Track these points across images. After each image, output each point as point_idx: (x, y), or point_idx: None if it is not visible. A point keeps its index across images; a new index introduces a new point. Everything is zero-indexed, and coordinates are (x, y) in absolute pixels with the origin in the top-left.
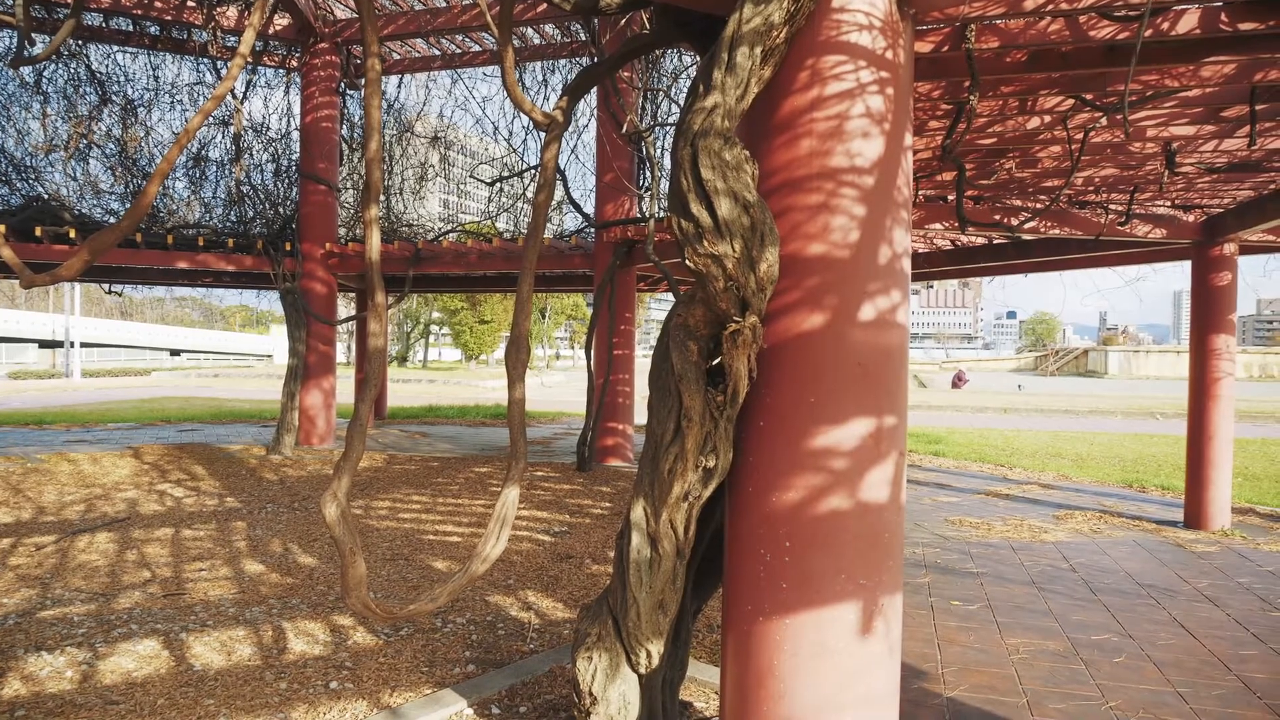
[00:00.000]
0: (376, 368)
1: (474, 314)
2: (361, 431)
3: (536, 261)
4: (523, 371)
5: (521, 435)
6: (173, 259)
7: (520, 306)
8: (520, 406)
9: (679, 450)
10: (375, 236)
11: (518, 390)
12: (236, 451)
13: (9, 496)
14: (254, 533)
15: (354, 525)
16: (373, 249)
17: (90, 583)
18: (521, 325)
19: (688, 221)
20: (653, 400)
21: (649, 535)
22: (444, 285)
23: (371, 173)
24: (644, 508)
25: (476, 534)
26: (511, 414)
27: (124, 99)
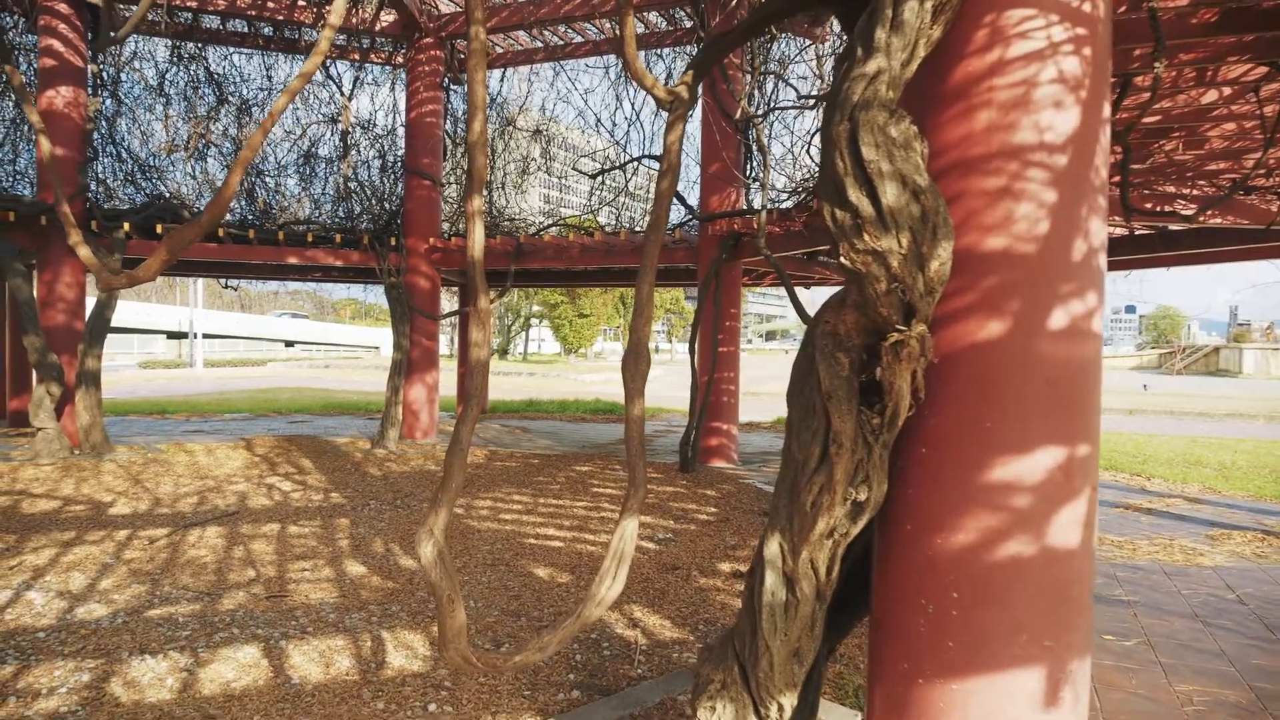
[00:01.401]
0: (479, 383)
1: (574, 308)
2: (462, 458)
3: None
4: (642, 384)
5: (641, 459)
6: (283, 254)
7: (640, 308)
8: (639, 425)
9: (825, 480)
10: (479, 230)
11: (636, 406)
12: (342, 445)
13: (129, 487)
14: (357, 531)
15: (453, 568)
16: (476, 244)
17: (198, 580)
18: (642, 330)
19: (843, 211)
20: (793, 419)
21: (785, 575)
22: (545, 280)
23: (475, 158)
24: (780, 544)
25: (578, 539)
26: (629, 434)
27: (239, 99)
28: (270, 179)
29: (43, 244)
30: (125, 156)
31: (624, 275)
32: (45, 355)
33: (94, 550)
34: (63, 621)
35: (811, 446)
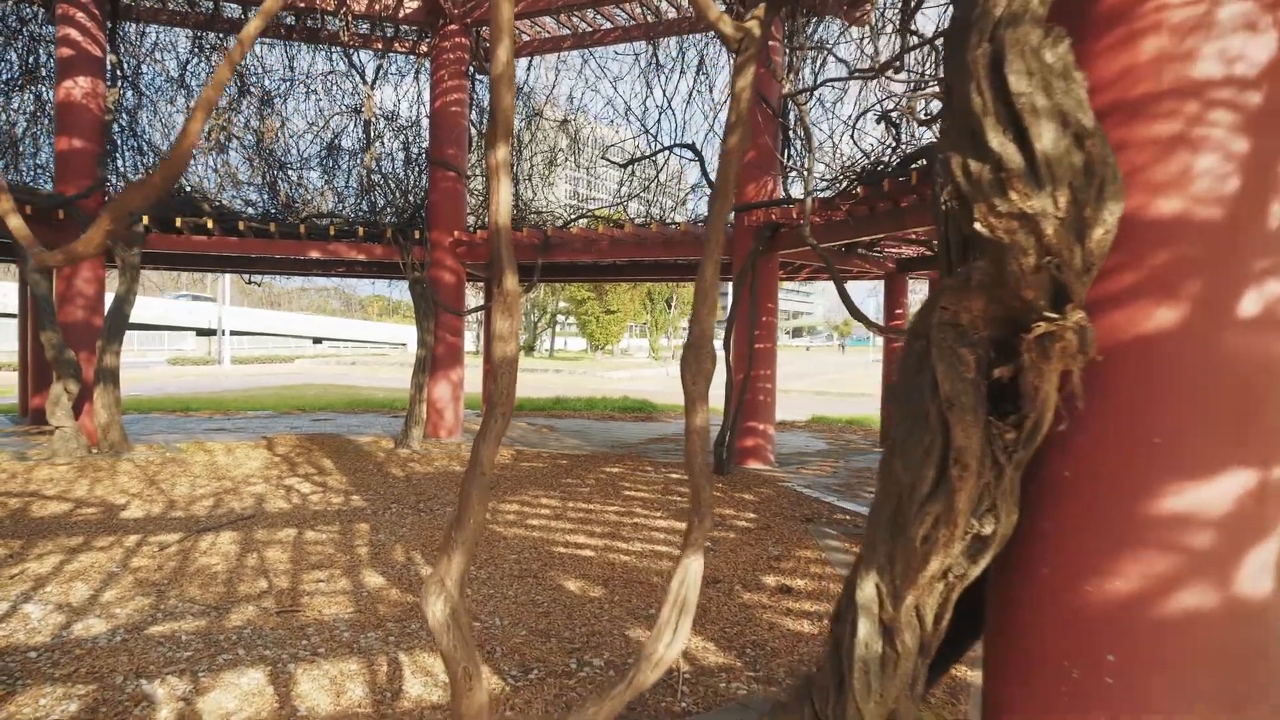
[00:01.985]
0: (506, 384)
1: (600, 304)
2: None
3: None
4: (706, 386)
5: (706, 480)
6: (305, 248)
7: (704, 295)
8: (703, 439)
9: (942, 510)
10: (504, 191)
11: (699, 414)
12: (365, 444)
13: (143, 489)
14: (376, 537)
15: (470, 632)
16: (501, 208)
17: (206, 592)
18: (705, 321)
19: (981, 162)
20: (895, 432)
21: (883, 624)
22: (572, 274)
23: (501, 96)
24: (877, 585)
25: (610, 548)
26: (691, 448)
27: (261, 91)
28: (293, 172)
29: (61, 238)
30: (146, 149)
31: (654, 269)
32: (62, 352)
33: (101, 558)
34: (57, 639)
35: (924, 467)
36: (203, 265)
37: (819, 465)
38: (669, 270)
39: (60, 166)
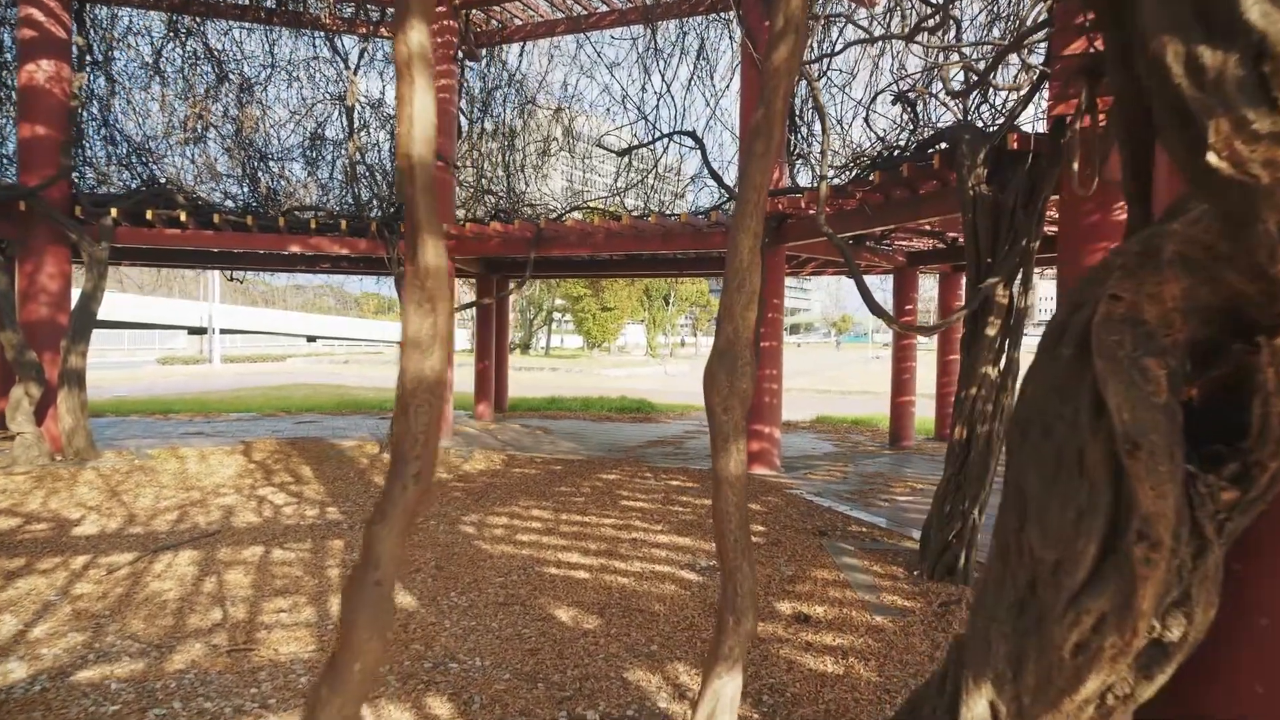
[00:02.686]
0: (422, 428)
1: (597, 301)
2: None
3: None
4: (742, 416)
5: (745, 559)
6: (285, 243)
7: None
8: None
9: (1112, 606)
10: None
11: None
12: (348, 449)
13: (103, 501)
14: (350, 557)
15: None
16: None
17: (150, 626)
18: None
19: (1222, 48)
20: (1025, 480)
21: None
22: (567, 269)
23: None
24: (992, 704)
25: (607, 567)
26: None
27: (240, 77)
28: (274, 163)
29: (23, 232)
30: (119, 139)
31: (653, 264)
32: (23, 353)
33: (40, 583)
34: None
35: (1078, 539)
36: (179, 260)
37: (828, 470)
38: (668, 265)
39: (24, 155)
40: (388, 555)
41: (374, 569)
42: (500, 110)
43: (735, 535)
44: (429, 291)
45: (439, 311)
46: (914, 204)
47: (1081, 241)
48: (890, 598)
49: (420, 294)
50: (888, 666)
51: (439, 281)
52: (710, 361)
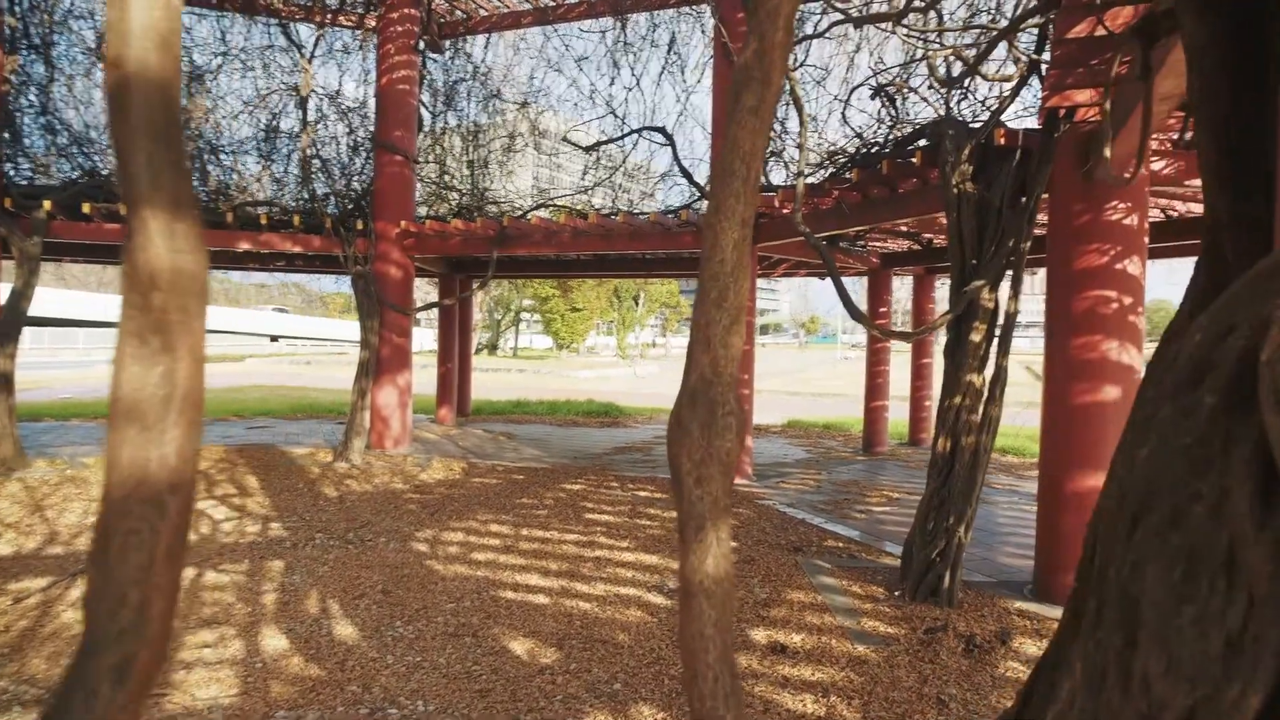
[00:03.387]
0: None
1: (565, 301)
2: None
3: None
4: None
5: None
6: (234, 239)
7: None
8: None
9: None
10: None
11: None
12: (300, 457)
13: (23, 517)
14: (290, 579)
15: None
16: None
17: (54, 666)
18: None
19: None
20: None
21: None
22: (533, 270)
23: None
24: None
25: (568, 590)
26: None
27: (190, 65)
28: (226, 156)
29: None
30: (59, 128)
31: (621, 264)
32: None
33: None
34: None
35: (1226, 680)
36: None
37: (801, 478)
38: (637, 265)
39: None
40: None
41: None
42: (464, 104)
43: (715, 672)
44: (158, 314)
45: (179, 349)
46: (893, 203)
47: (1073, 243)
48: (871, 623)
49: (142, 319)
50: (873, 706)
51: (180, 295)
52: (678, 407)
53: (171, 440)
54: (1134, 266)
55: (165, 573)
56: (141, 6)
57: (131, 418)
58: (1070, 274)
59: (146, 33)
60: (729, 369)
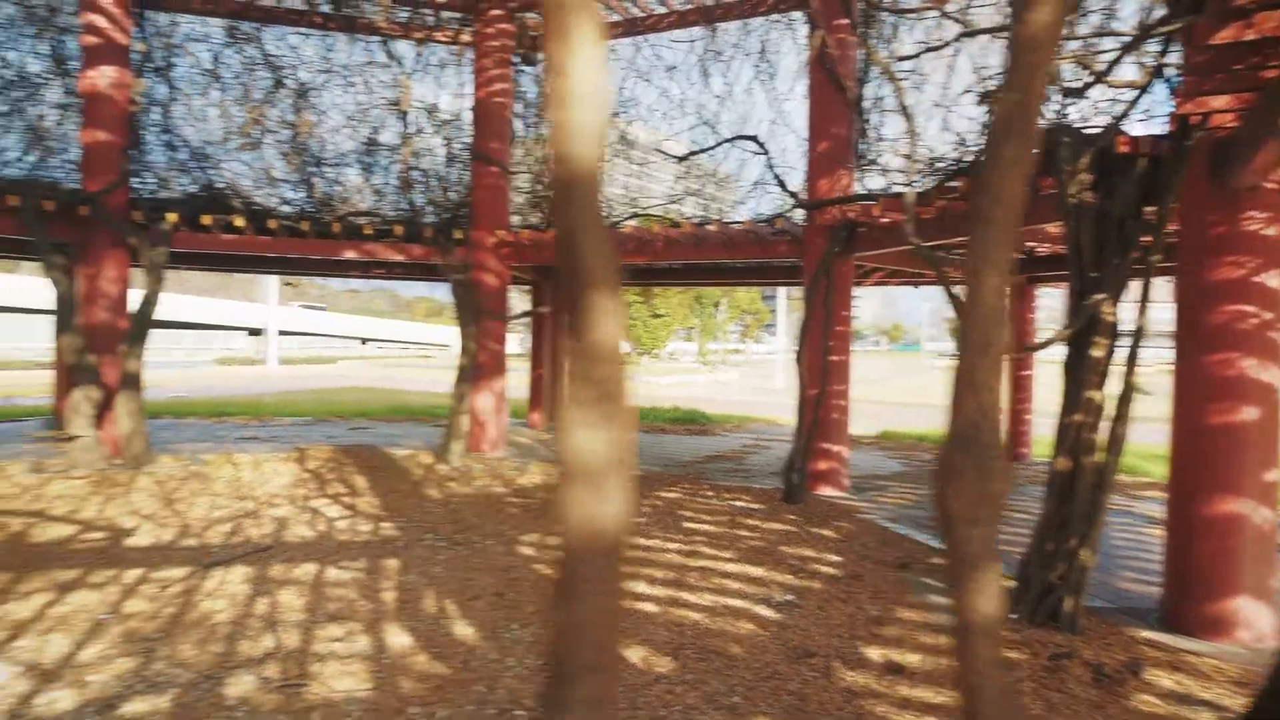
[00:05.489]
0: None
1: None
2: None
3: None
4: (995, 523)
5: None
6: (340, 248)
7: (978, 331)
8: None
9: None
10: None
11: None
12: (402, 458)
13: (157, 510)
14: (406, 578)
15: None
16: None
17: (202, 651)
18: (985, 377)
19: None
20: None
21: None
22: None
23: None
24: None
25: (676, 600)
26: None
27: (296, 82)
28: (330, 168)
29: (84, 236)
30: (178, 144)
31: (713, 273)
32: (82, 357)
33: (93, 598)
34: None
35: None
36: (235, 265)
37: (899, 492)
38: (727, 274)
39: (86, 161)
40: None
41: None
42: None
43: (994, 710)
44: (603, 386)
45: (618, 417)
46: None
47: (1206, 254)
48: None
49: (591, 390)
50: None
51: (617, 368)
52: (948, 451)
53: (615, 498)
54: (1274, 280)
55: (616, 612)
56: (588, 109)
57: (582, 478)
58: (1203, 287)
59: (589, 131)
60: (994, 412)
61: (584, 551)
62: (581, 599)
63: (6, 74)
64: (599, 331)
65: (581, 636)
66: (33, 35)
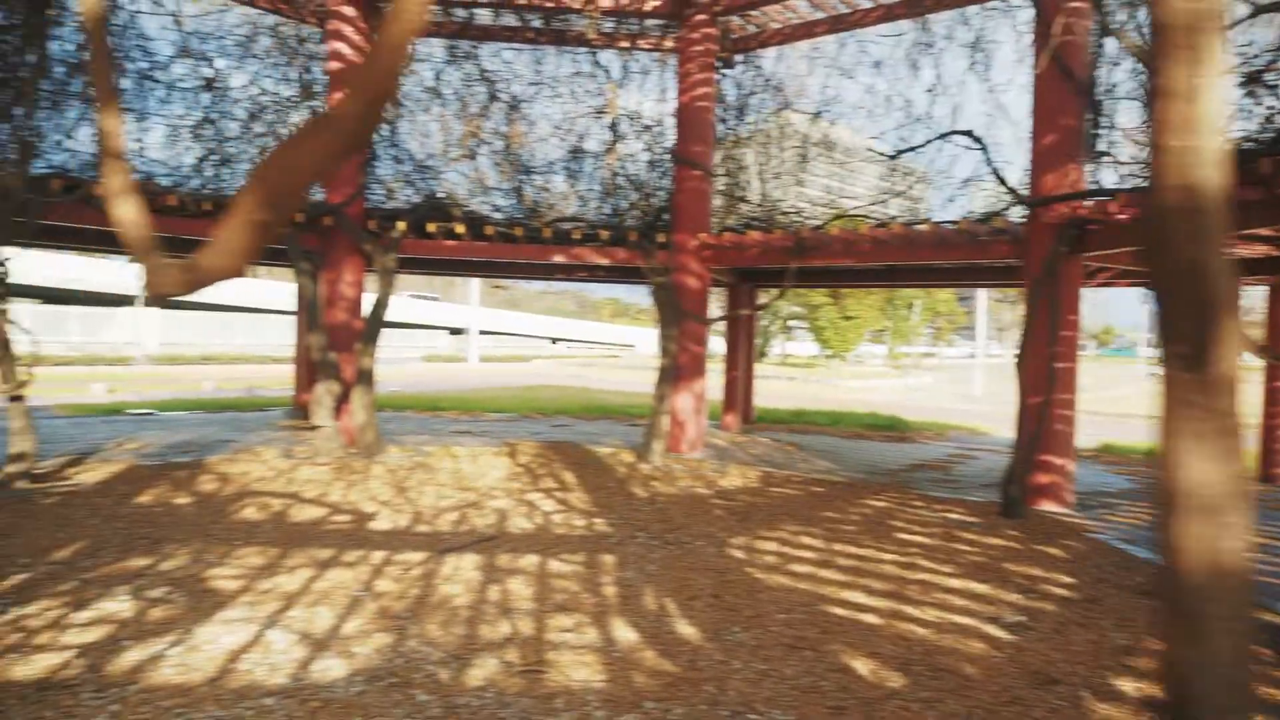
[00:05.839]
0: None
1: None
2: None
3: None
4: None
5: None
6: (549, 253)
7: None
8: None
9: None
10: None
11: None
12: (604, 456)
13: (392, 496)
14: (623, 574)
15: None
16: None
17: (447, 633)
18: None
19: None
20: None
21: None
22: (819, 279)
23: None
24: None
25: (898, 612)
26: None
27: (510, 96)
28: (538, 176)
29: (327, 244)
30: (403, 158)
31: (914, 274)
32: (326, 354)
33: (347, 576)
34: (295, 682)
35: None
36: (451, 269)
37: (1129, 511)
38: (931, 275)
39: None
40: None
41: None
42: (755, 116)
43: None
44: (1226, 421)
45: (1240, 452)
46: (1272, 206)
47: None
48: (1265, 689)
49: (1211, 424)
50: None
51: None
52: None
53: (1238, 532)
54: None
55: (1246, 651)
56: (1213, 135)
57: (1201, 512)
58: None
59: (1215, 159)
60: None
61: (1207, 587)
62: (1209, 637)
63: (264, 100)
64: (1224, 364)
65: (1213, 676)
66: (284, 64)
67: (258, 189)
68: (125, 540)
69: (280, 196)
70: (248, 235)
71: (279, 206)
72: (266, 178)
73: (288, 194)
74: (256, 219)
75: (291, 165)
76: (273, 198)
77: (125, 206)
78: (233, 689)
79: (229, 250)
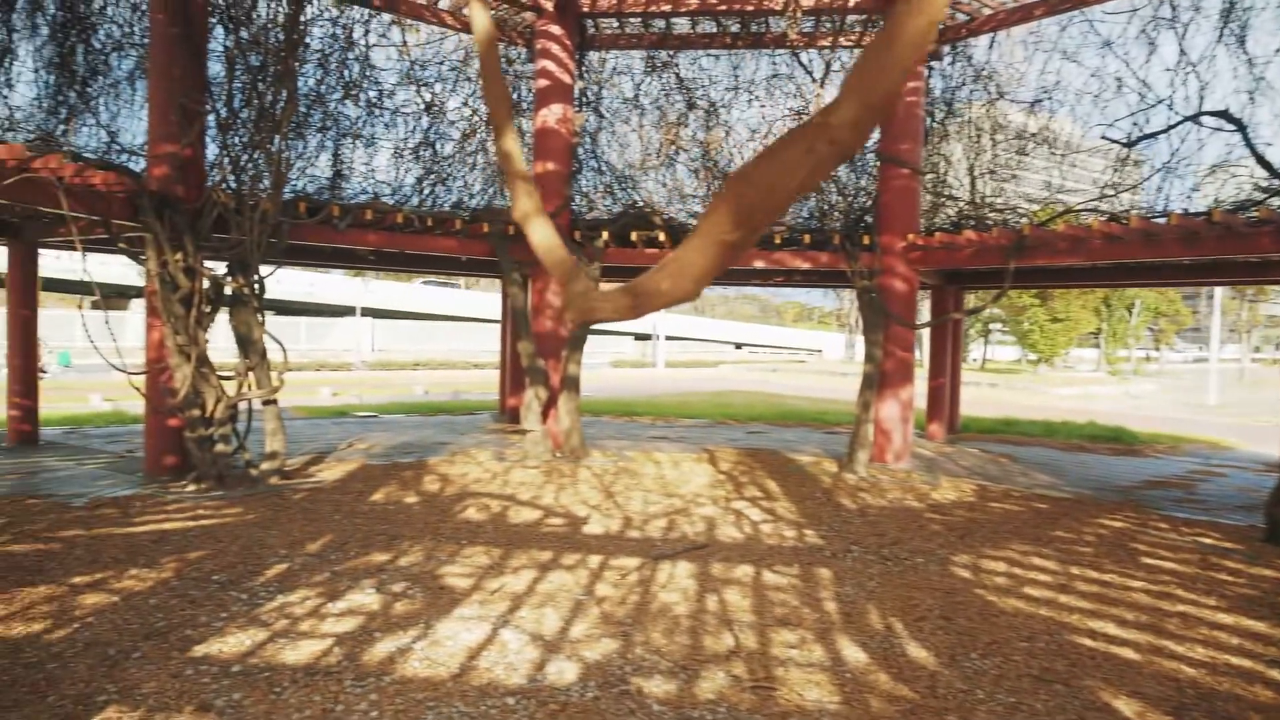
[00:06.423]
0: None
1: (1045, 310)
2: None
3: None
4: None
5: None
6: (750, 258)
7: None
8: None
9: None
10: None
11: None
12: (806, 464)
13: (601, 500)
14: (843, 590)
15: None
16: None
17: (671, 641)
18: None
19: None
20: None
21: None
22: (1032, 279)
23: None
24: None
25: (1158, 648)
26: None
27: (707, 102)
28: None
29: (533, 255)
30: (604, 169)
31: (1150, 272)
32: (535, 360)
33: (568, 579)
34: (532, 683)
35: None
36: None
37: None
38: (1167, 272)
39: (538, 188)
40: None
41: None
42: (966, 109)
43: None
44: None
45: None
46: None
47: None
48: None
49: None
50: None
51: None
52: None
53: None
54: None
55: None
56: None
57: None
58: None
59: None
60: None
61: None
62: None
63: (474, 120)
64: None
65: None
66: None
67: (730, 207)
68: (366, 536)
69: (757, 214)
70: (713, 257)
71: (755, 226)
72: (743, 194)
73: (767, 211)
74: (727, 239)
75: (772, 181)
76: (749, 217)
77: (539, 229)
78: (476, 686)
79: (688, 274)
